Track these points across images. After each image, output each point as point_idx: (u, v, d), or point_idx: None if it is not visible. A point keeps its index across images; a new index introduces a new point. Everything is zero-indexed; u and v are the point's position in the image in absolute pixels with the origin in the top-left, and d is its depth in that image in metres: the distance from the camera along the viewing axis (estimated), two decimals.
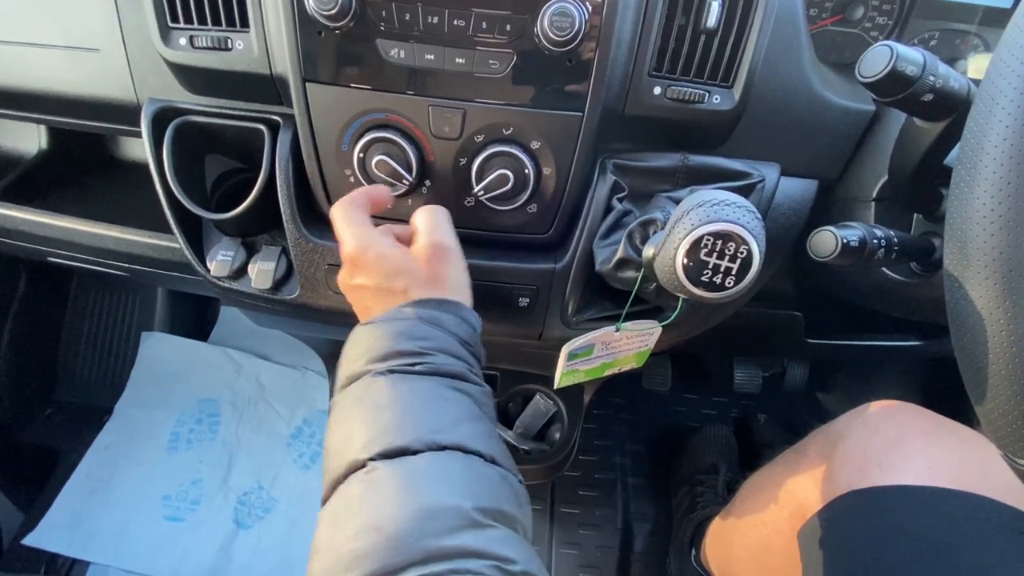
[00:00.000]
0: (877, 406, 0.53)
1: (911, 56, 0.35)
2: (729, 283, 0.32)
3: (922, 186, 0.45)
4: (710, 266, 0.32)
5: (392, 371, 0.37)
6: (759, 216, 0.33)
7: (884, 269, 0.50)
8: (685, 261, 0.32)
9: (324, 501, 0.34)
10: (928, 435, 0.48)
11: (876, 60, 0.36)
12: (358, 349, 0.39)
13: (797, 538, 0.51)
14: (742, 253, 0.31)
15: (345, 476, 0.33)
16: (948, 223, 0.29)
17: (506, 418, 0.84)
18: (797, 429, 0.68)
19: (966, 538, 0.39)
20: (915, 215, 0.50)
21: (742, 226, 0.31)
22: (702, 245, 0.31)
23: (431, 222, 0.45)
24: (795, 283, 0.65)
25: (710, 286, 0.32)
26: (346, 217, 0.45)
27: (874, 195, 0.51)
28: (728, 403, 1.22)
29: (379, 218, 0.53)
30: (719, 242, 0.31)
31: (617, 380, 0.60)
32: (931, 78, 0.36)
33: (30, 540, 0.99)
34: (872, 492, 0.45)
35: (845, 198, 0.54)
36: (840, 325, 0.71)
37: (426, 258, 0.43)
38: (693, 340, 0.63)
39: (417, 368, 0.37)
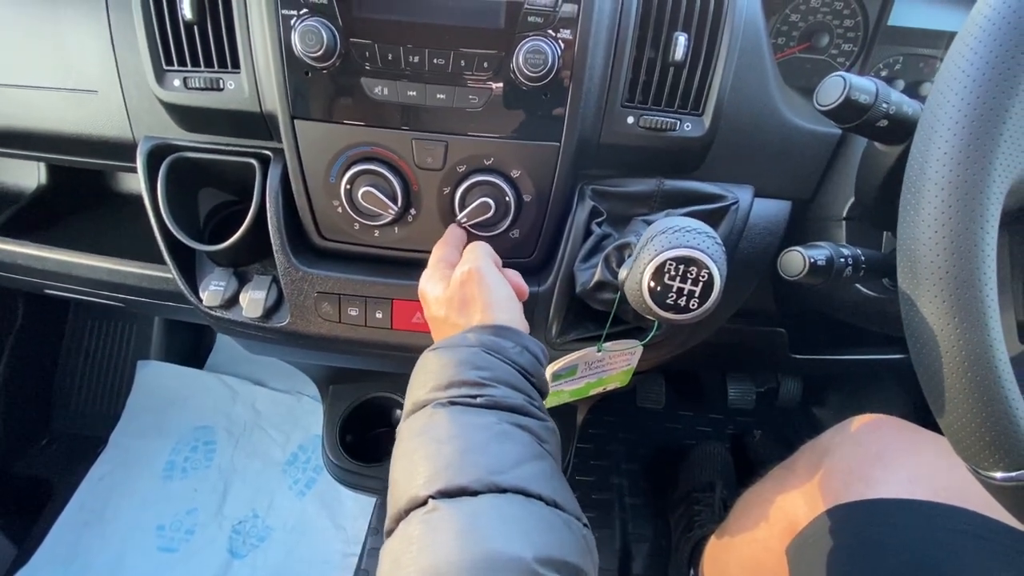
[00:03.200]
0: (861, 420, 0.54)
1: (863, 85, 0.38)
2: (693, 305, 0.33)
3: (887, 205, 0.47)
4: (674, 289, 0.33)
5: (454, 402, 0.36)
6: (719, 241, 0.34)
7: (857, 285, 0.52)
8: (651, 284, 0.33)
9: (388, 534, 0.33)
10: (910, 448, 0.48)
11: (831, 90, 0.38)
12: (424, 376, 0.39)
13: (786, 554, 0.52)
14: (704, 276, 0.33)
15: (407, 511, 0.32)
16: (899, 245, 0.31)
17: None
18: (792, 444, 0.68)
19: (945, 551, 0.40)
20: (884, 232, 0.52)
21: (702, 251, 0.32)
22: (666, 269, 0.33)
23: (466, 254, 0.46)
24: (776, 300, 0.67)
25: (676, 308, 0.34)
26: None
27: (844, 214, 0.52)
28: (723, 419, 1.22)
29: (373, 249, 0.54)
30: (681, 266, 0.32)
31: (611, 399, 0.61)
32: (884, 105, 0.38)
33: (24, 573, 0.98)
34: (855, 506, 0.46)
35: (818, 217, 0.56)
36: (824, 340, 0.72)
37: (459, 283, 0.44)
38: (678, 358, 0.64)
39: (478, 401, 0.36)
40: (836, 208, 0.53)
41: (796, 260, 0.41)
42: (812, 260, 0.40)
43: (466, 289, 0.43)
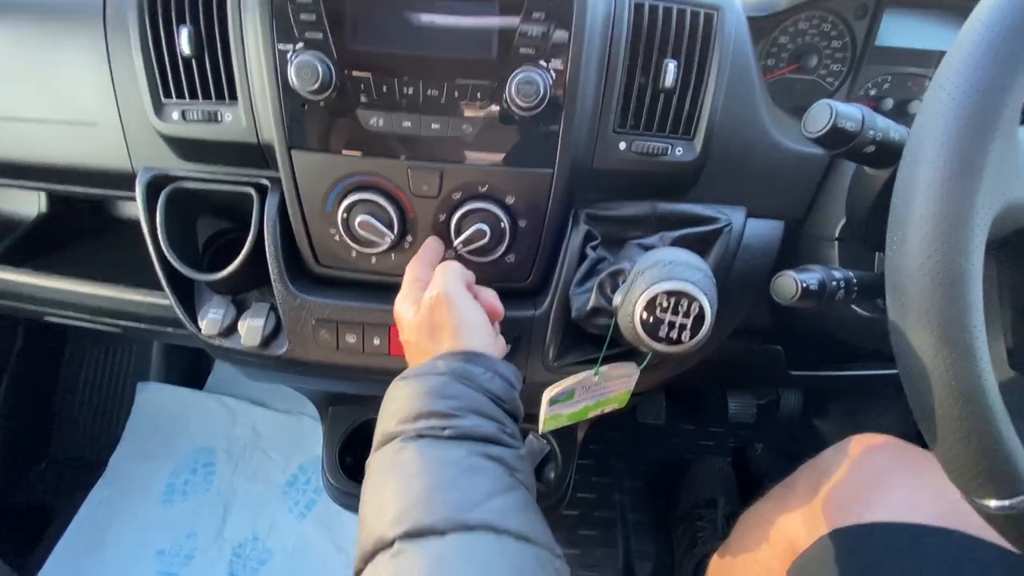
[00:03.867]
0: (859, 441, 0.54)
1: (850, 113, 0.38)
2: (685, 337, 0.34)
3: (878, 227, 0.47)
4: (666, 322, 0.33)
5: (422, 435, 0.36)
6: (710, 274, 0.34)
7: (852, 305, 0.52)
8: (644, 316, 0.34)
9: (357, 574, 0.33)
10: (908, 470, 0.48)
11: (818, 118, 0.38)
12: (393, 406, 0.39)
13: None
14: (695, 309, 0.33)
15: (373, 553, 0.32)
16: (887, 275, 0.31)
17: None
18: (794, 457, 0.68)
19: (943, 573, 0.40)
20: (877, 252, 0.52)
21: (693, 284, 0.33)
22: (657, 302, 0.33)
23: (436, 276, 0.45)
24: (773, 318, 0.67)
25: (668, 340, 0.34)
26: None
27: (837, 235, 0.53)
28: (724, 433, 1.21)
29: (370, 276, 0.55)
30: (673, 299, 0.33)
31: (611, 415, 0.61)
32: (871, 132, 0.39)
33: None
34: (854, 531, 0.45)
35: (811, 237, 0.56)
36: (822, 357, 0.72)
37: (427, 307, 0.43)
38: (676, 378, 0.64)
39: (447, 433, 0.36)
40: (828, 228, 0.54)
41: (788, 284, 0.41)
42: (804, 284, 0.41)
43: (435, 315, 0.43)
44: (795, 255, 0.59)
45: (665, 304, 0.33)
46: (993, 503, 0.30)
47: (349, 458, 0.85)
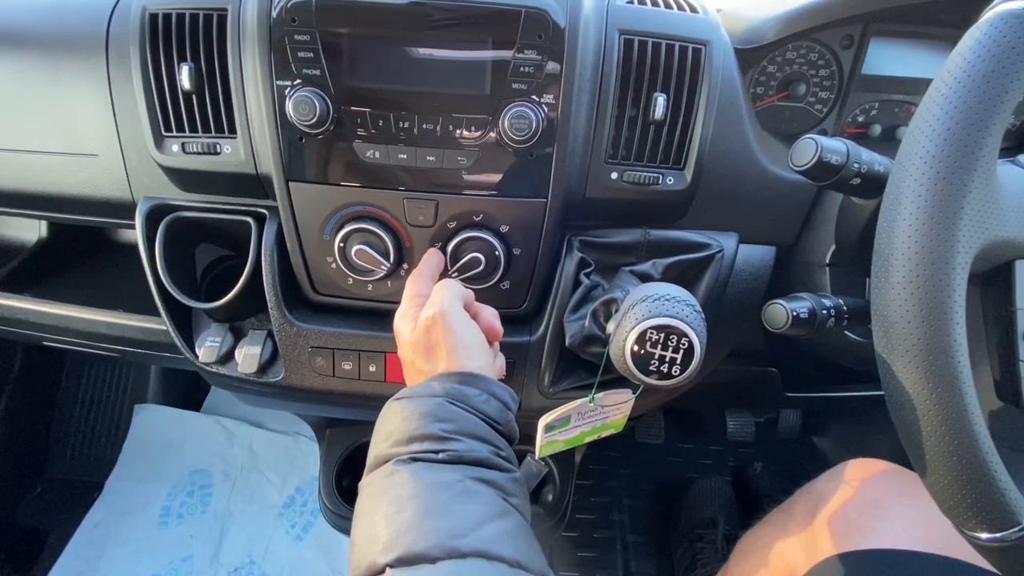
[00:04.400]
0: (855, 466, 0.54)
1: (835, 147, 0.39)
2: (676, 371, 0.34)
3: (866, 254, 0.48)
4: (656, 356, 0.34)
5: (415, 458, 0.35)
6: (699, 309, 0.35)
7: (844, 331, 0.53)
8: (635, 349, 0.34)
9: None
10: (904, 496, 0.48)
11: (804, 152, 0.39)
12: (386, 428, 0.38)
13: None
14: (684, 344, 0.34)
15: None
16: (872, 310, 0.32)
17: None
18: (794, 475, 0.68)
19: None
20: (867, 278, 0.53)
21: (682, 320, 0.34)
22: (647, 337, 0.34)
23: (433, 295, 0.45)
24: (768, 341, 0.68)
25: (659, 374, 0.35)
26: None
27: (827, 260, 0.54)
28: (724, 451, 1.21)
29: (366, 303, 0.55)
30: (662, 334, 0.33)
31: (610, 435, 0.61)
32: (855, 165, 0.40)
33: None
34: (852, 557, 0.45)
35: (802, 263, 0.57)
36: (817, 378, 0.72)
37: (424, 327, 0.43)
38: (673, 400, 0.64)
39: (441, 456, 0.35)
40: (819, 254, 0.55)
41: (779, 313, 0.42)
42: (795, 313, 0.41)
43: (431, 334, 0.42)
44: (787, 279, 0.60)
45: (655, 338, 0.34)
46: (984, 535, 0.30)
47: (346, 480, 0.85)
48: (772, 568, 0.57)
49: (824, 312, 0.43)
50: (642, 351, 0.34)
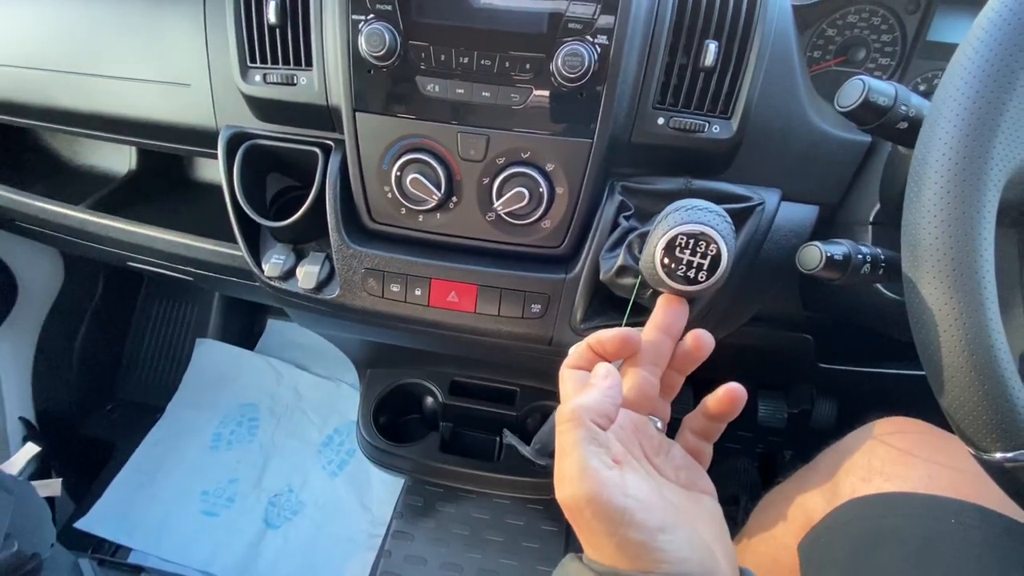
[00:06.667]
0: (887, 421, 0.54)
1: (883, 88, 0.40)
2: (702, 277, 0.36)
3: None
4: (684, 262, 0.36)
5: None
6: (728, 219, 0.37)
7: (880, 287, 0.53)
8: (663, 258, 0.36)
9: None
10: (933, 448, 0.48)
11: (851, 92, 0.40)
12: None
13: (797, 550, 0.52)
14: (712, 251, 0.36)
15: None
16: (902, 230, 0.33)
17: (524, 434, 0.87)
18: None
19: (955, 543, 0.40)
20: None
21: (711, 227, 0.35)
22: (676, 243, 0.36)
23: (560, 445, 0.33)
24: (803, 305, 0.67)
25: (685, 280, 0.37)
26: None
27: (871, 219, 0.54)
28: (753, 438, 1.20)
29: (416, 233, 0.59)
30: (691, 241, 0.35)
31: None
32: (903, 108, 0.40)
33: (82, 524, 1.07)
34: (870, 499, 0.46)
35: (845, 222, 0.57)
36: (851, 350, 0.71)
37: (565, 508, 0.33)
38: (702, 368, 0.65)
39: None
40: (863, 213, 0.54)
41: (813, 253, 0.43)
42: (830, 255, 0.42)
43: (578, 522, 0.32)
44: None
45: (684, 245, 0.36)
46: (998, 455, 0.31)
47: (383, 418, 0.91)
48: (791, 519, 0.58)
49: (860, 257, 0.43)
50: (670, 259, 0.36)
